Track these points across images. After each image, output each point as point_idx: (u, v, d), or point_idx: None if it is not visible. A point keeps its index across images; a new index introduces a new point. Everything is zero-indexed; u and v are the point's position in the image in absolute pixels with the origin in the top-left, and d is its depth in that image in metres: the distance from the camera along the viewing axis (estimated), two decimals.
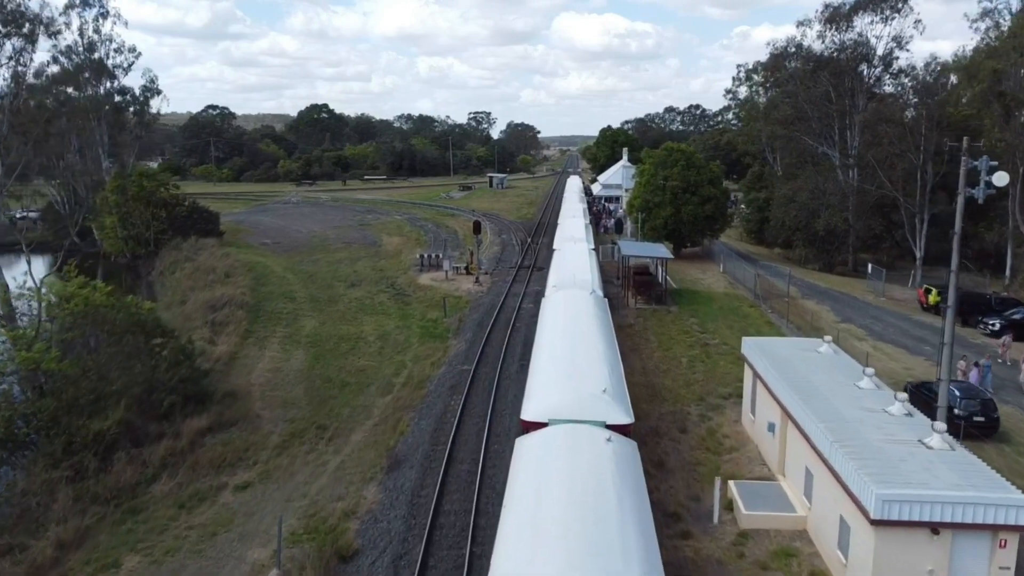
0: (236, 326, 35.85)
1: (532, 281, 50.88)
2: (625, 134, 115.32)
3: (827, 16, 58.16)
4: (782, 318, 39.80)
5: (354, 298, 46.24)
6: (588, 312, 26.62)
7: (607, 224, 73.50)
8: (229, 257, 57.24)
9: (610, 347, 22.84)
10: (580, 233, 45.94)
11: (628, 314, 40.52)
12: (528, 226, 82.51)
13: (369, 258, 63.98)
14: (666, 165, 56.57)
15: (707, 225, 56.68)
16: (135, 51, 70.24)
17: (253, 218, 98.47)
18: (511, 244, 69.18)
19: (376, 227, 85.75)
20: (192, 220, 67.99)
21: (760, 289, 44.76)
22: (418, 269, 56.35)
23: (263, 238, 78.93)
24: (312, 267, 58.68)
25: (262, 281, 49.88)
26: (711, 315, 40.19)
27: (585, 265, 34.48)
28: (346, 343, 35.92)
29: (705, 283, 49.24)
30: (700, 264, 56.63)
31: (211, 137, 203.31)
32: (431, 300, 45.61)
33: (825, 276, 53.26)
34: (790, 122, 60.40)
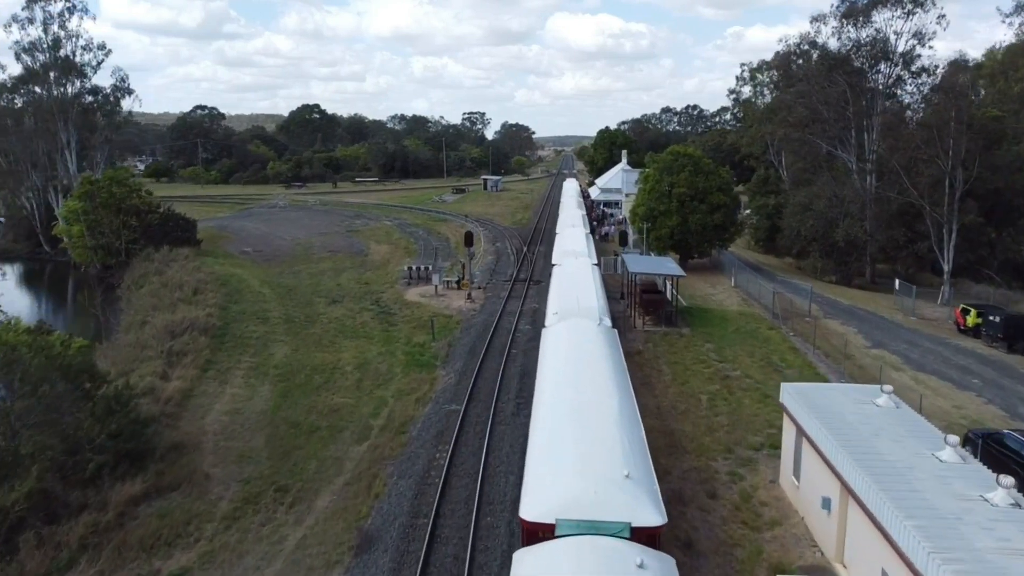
0: (196, 356, 31.70)
1: (529, 297, 46.92)
2: (624, 136, 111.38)
3: (844, 11, 54.37)
4: (806, 343, 35.91)
5: (334, 317, 42.15)
6: (597, 351, 22.66)
7: (608, 231, 69.51)
8: (202, 270, 53.04)
9: (627, 401, 18.91)
10: (581, 246, 41.98)
11: (636, 338, 36.56)
12: (524, 233, 78.54)
13: (354, 269, 59.89)
14: (672, 171, 52.65)
15: (716, 235, 52.77)
16: (104, 48, 66.08)
17: (236, 224, 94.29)
18: (506, 253, 65.19)
19: (364, 234, 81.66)
20: (166, 228, 63.74)
21: (779, 307, 40.83)
22: (406, 282, 52.31)
23: (244, 246, 74.80)
24: (292, 280, 54.57)
25: (235, 298, 45.74)
26: (727, 339, 36.25)
27: (590, 287, 30.49)
28: (320, 374, 31.85)
29: (717, 299, 45.30)
30: (709, 277, 52.70)
31: (199, 138, 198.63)
32: (419, 320, 41.57)
33: (845, 291, 49.40)
34: (804, 124, 56.51)
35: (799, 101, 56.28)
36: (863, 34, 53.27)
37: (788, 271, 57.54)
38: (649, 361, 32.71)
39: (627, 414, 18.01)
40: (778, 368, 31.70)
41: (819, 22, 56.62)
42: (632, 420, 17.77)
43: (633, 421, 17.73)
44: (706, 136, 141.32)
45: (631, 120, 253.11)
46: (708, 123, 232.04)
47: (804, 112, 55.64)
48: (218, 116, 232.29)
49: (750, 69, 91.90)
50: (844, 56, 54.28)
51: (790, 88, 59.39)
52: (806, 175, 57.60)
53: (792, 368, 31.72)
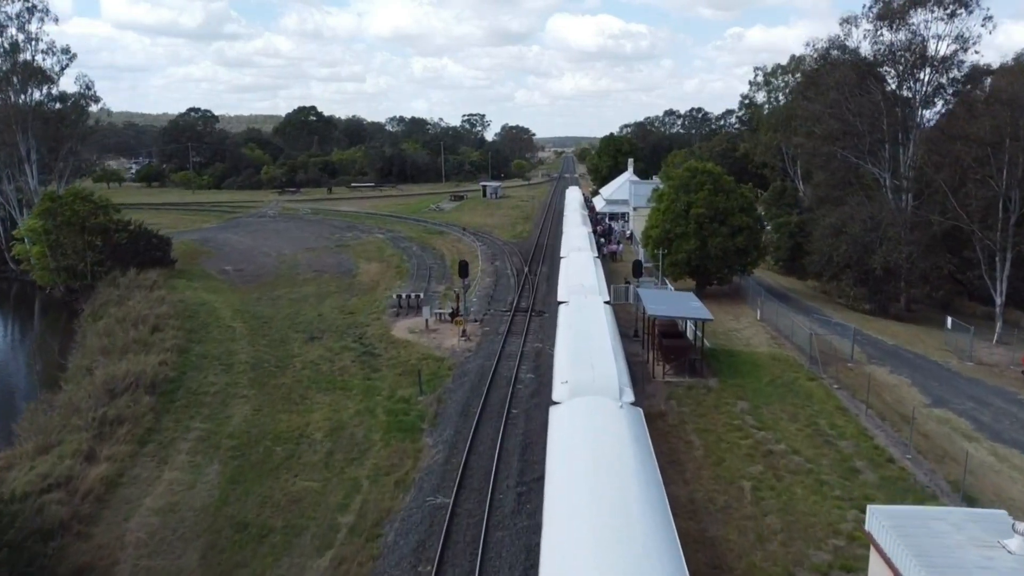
0: (134, 425, 26.57)
1: (531, 332, 41.85)
2: (629, 143, 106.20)
3: (878, 12, 49.23)
4: (854, 398, 30.83)
5: (309, 361, 37.04)
6: (622, 447, 17.73)
7: (616, 249, 64.39)
8: (168, 298, 47.92)
9: (659, 513, 14.68)
10: (590, 278, 36.89)
11: (656, 391, 31.45)
12: (524, 248, 73.44)
13: (340, 294, 54.79)
14: (689, 189, 47.55)
15: (738, 260, 47.65)
16: (68, 52, 60.99)
17: (221, 236, 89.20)
18: (505, 275, 60.08)
19: (355, 249, 76.58)
20: (137, 248, 58.68)
21: (816, 350, 35.70)
22: (395, 312, 47.22)
23: (225, 263, 69.75)
24: (269, 309, 49.47)
25: (199, 335, 40.65)
26: (763, 394, 31.13)
27: (606, 345, 25.34)
28: (284, 445, 26.75)
29: (743, 337, 40.19)
30: (730, 306, 47.58)
31: (191, 142, 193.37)
32: (405, 363, 36.49)
33: (884, 325, 44.27)
34: (835, 138, 51.36)
35: (829, 112, 51.12)
36: (899, 38, 48.20)
37: (815, 298, 52.44)
38: (674, 428, 27.58)
39: (661, 533, 13.71)
40: (829, 439, 26.59)
41: (849, 24, 51.62)
42: (668, 542, 13.42)
43: (669, 543, 13.38)
44: (713, 141, 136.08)
45: (633, 123, 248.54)
46: (712, 125, 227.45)
47: (835, 124, 50.50)
48: (212, 118, 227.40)
49: (764, 73, 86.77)
50: (878, 62, 49.24)
51: (817, 96, 54.15)
52: (835, 192, 52.48)
53: (845, 438, 26.61)
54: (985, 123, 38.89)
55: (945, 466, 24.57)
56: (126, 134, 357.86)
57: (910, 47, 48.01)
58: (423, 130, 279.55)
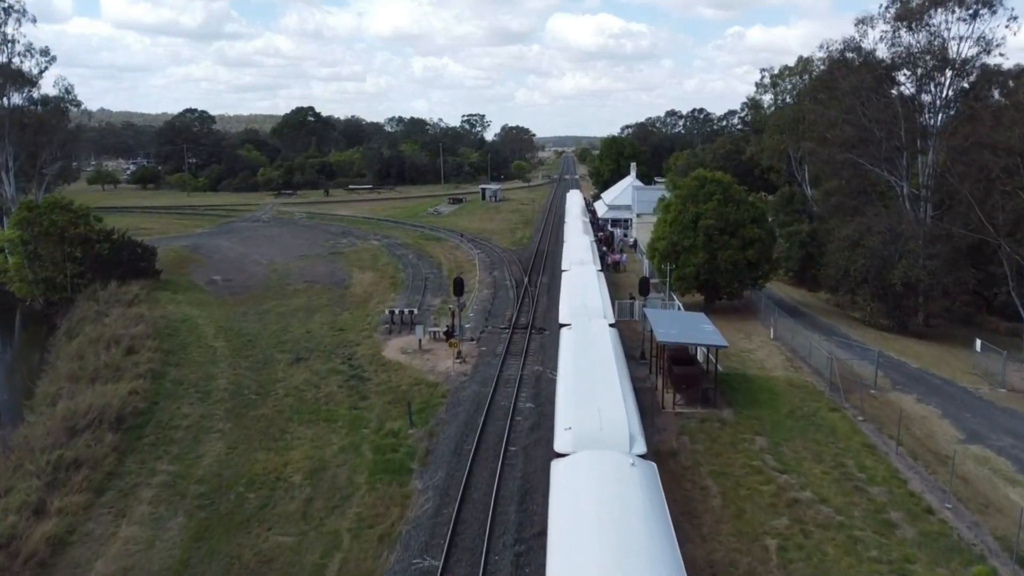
0: (93, 469, 24.12)
1: (531, 353, 39.43)
2: (632, 145, 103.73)
3: (896, 12, 46.77)
4: (880, 432, 28.41)
5: (294, 386, 34.60)
6: (635, 517, 15.36)
7: (619, 260, 61.93)
8: (148, 315, 45.54)
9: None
10: (595, 299, 34.37)
11: (666, 425, 29.01)
12: (524, 256, 70.98)
13: (330, 307, 52.35)
14: (697, 199, 45.10)
15: (749, 273, 45.20)
16: (48, 54, 58.55)
17: (212, 242, 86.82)
18: (504, 285, 57.65)
19: (348, 257, 74.16)
20: (119, 259, 56.28)
21: (837, 375, 33.26)
22: (387, 329, 44.76)
23: (213, 273, 67.38)
24: (256, 325, 47.03)
25: (177, 357, 38.23)
26: (782, 428, 28.68)
27: (614, 385, 22.86)
28: (258, 491, 24.30)
29: (756, 359, 37.73)
30: (741, 323, 45.12)
31: (187, 143, 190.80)
32: (396, 389, 34.07)
33: (906, 344, 41.80)
34: (851, 145, 48.86)
35: (845, 118, 48.64)
36: (918, 39, 45.71)
37: (829, 313, 49.97)
38: (688, 471, 25.12)
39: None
40: (858, 484, 24.14)
41: (865, 25, 49.12)
42: None
43: None
44: (716, 143, 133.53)
45: (635, 124, 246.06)
46: (714, 126, 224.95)
47: (852, 131, 48.01)
48: (208, 119, 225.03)
49: (771, 75, 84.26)
50: (895, 65, 46.81)
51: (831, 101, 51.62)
52: (850, 202, 49.97)
53: (877, 483, 24.16)
54: (1016, 131, 36.46)
55: (990, 518, 22.13)
56: (125, 134, 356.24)
57: (930, 49, 45.56)
58: (422, 131, 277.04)
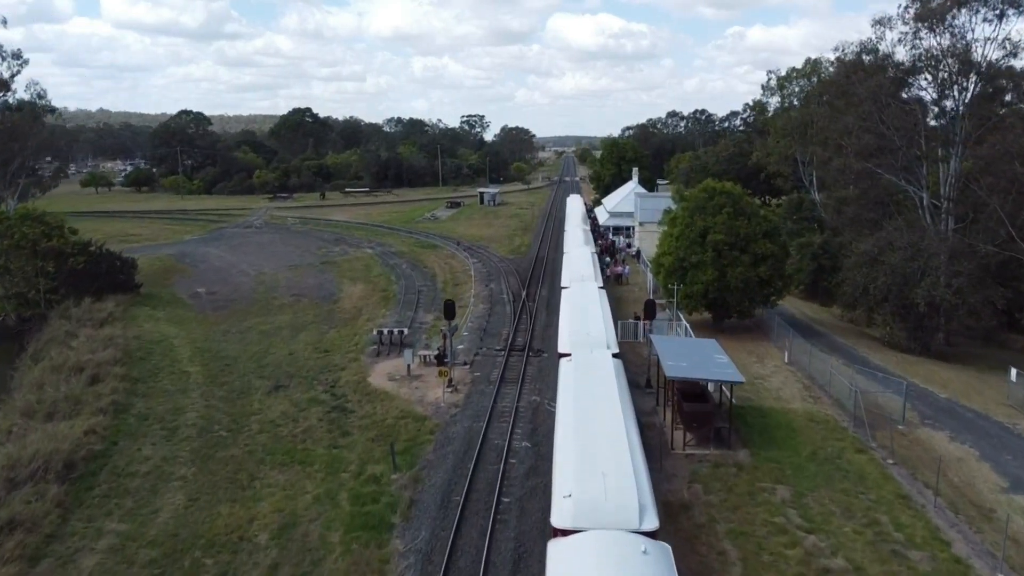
0: (30, 531, 21.32)
1: (527, 378, 36.68)
2: (633, 148, 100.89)
3: (917, 12, 43.96)
4: (914, 479, 25.61)
5: (269, 421, 31.80)
6: None
7: (622, 272, 59.11)
8: (120, 336, 42.76)
9: None
10: (598, 326, 31.64)
11: (676, 470, 26.22)
12: (522, 266, 68.16)
13: (318, 324, 49.57)
14: (706, 212, 42.29)
15: (760, 291, 42.40)
16: (20, 58, 55.77)
17: (200, 250, 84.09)
18: (501, 300, 54.84)
19: (340, 267, 71.37)
20: (96, 272, 53.48)
21: (861, 408, 30.46)
22: (375, 350, 41.99)
23: (197, 284, 64.66)
24: (236, 345, 44.27)
25: (145, 387, 35.43)
26: (805, 474, 25.88)
27: (622, 449, 19.91)
28: (217, 556, 21.49)
29: (771, 388, 34.92)
30: (752, 344, 42.33)
31: (182, 145, 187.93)
32: (381, 423, 31.29)
33: (931, 370, 38.97)
34: (869, 154, 45.99)
35: (862, 125, 45.79)
36: (941, 41, 42.88)
37: (845, 331, 47.14)
38: (703, 530, 22.30)
39: None
40: (896, 547, 21.32)
41: (882, 26, 46.28)
42: None
43: None
44: (719, 146, 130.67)
45: (636, 126, 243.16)
46: (715, 126, 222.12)
47: (871, 140, 45.15)
48: (204, 121, 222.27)
49: (778, 78, 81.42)
50: (916, 69, 44.00)
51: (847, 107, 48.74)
52: (868, 214, 47.11)
53: (917, 546, 21.36)
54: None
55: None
56: (122, 135, 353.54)
57: (953, 52, 42.77)
58: (421, 132, 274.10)
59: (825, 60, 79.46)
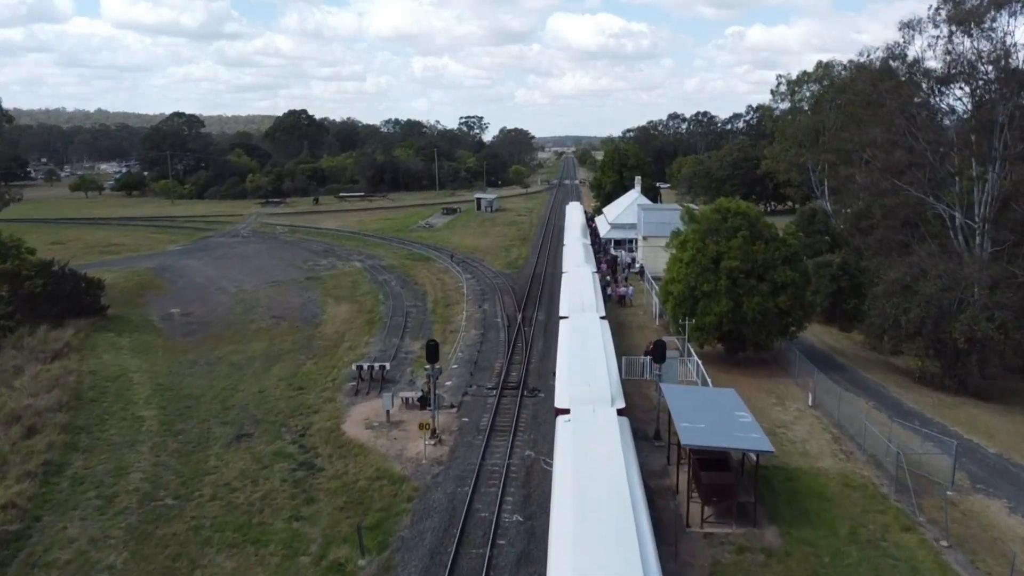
0: None
1: (521, 426, 32.69)
2: (635, 154, 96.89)
3: (950, 14, 39.98)
4: (976, 568, 21.61)
5: (224, 483, 27.79)
6: None
7: (625, 293, 55.10)
8: (73, 373, 38.78)
9: None
10: (601, 374, 27.60)
11: (693, 556, 22.21)
12: (519, 283, 64.18)
13: (294, 354, 45.58)
14: (719, 234, 38.28)
15: (779, 322, 38.38)
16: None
17: (181, 263, 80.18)
18: (494, 324, 50.78)
19: (326, 283, 67.36)
20: (58, 295, 49.47)
21: (905, 470, 26.46)
22: (353, 389, 37.98)
23: (172, 304, 60.65)
24: (202, 380, 40.28)
25: (88, 438, 31.42)
26: (845, 562, 21.90)
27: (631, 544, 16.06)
28: None
29: (796, 439, 30.92)
30: (770, 380, 38.33)
31: (174, 149, 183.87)
32: (352, 487, 27.29)
33: (972, 413, 34.94)
34: (899, 170, 41.97)
35: (892, 139, 41.75)
36: (978, 47, 38.87)
37: (871, 364, 43.13)
38: None
39: None
40: None
41: (911, 29, 42.24)
42: None
43: None
44: (723, 151, 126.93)
45: (636, 128, 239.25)
46: (718, 128, 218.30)
47: (903, 155, 41.10)
48: (197, 123, 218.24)
49: (788, 82, 77.44)
50: (949, 76, 40.00)
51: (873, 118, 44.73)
52: (897, 236, 43.03)
53: None
54: None
55: None
56: (119, 136, 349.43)
57: (991, 58, 38.81)
58: (419, 133, 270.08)
59: (837, 63, 75.84)
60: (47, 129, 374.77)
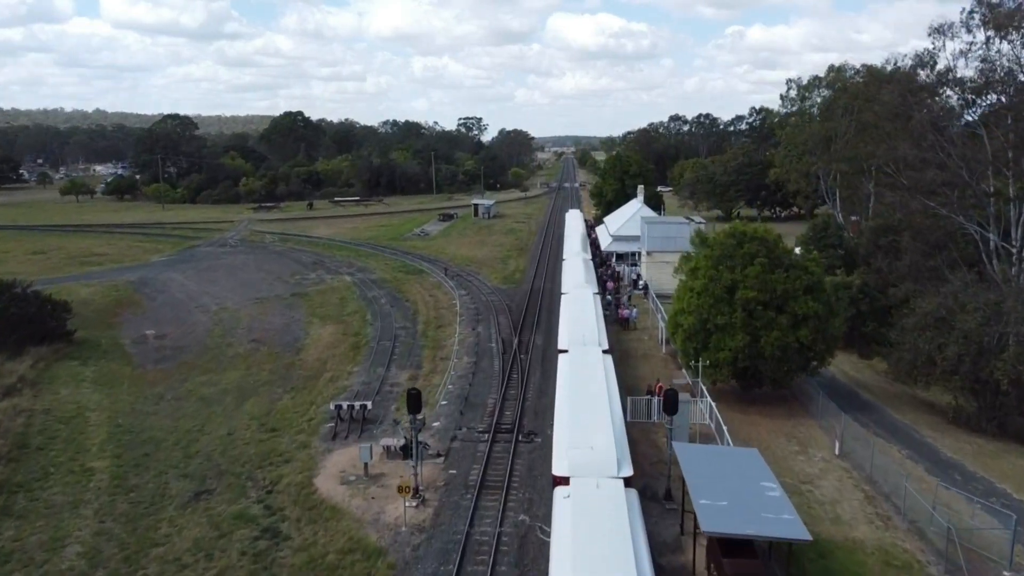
0: None
1: (515, 482, 29.16)
2: (638, 163, 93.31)
3: (984, 17, 36.47)
4: None
5: (174, 558, 24.28)
6: None
7: (626, 315, 51.53)
8: (27, 409, 35.28)
9: None
10: (605, 434, 24.18)
11: None
12: (516, 300, 60.60)
13: (270, 387, 42.07)
14: (733, 260, 34.75)
15: (800, 357, 34.83)
16: None
17: (163, 275, 76.67)
18: (488, 350, 47.20)
19: (312, 300, 63.79)
20: (18, 320, 45.99)
21: (952, 541, 22.97)
22: (330, 432, 34.45)
23: (147, 325, 57.14)
24: (166, 421, 36.73)
25: (23, 503, 27.92)
26: None
27: None
28: None
29: (824, 499, 27.39)
30: (789, 422, 34.79)
31: (166, 152, 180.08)
32: (320, 564, 23.77)
33: (1018, 464, 31.38)
34: (931, 190, 38.38)
35: (923, 158, 38.17)
36: (1020, 53, 35.32)
37: (899, 401, 39.55)
38: None
39: None
40: None
41: (942, 35, 38.67)
42: None
43: None
44: (727, 155, 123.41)
45: (637, 131, 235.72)
46: (719, 127, 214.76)
47: (935, 175, 37.51)
48: (191, 125, 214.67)
49: (798, 86, 73.90)
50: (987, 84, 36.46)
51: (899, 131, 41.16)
52: (929, 261, 39.38)
53: None
54: None
55: None
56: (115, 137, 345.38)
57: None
58: (418, 135, 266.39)
59: (848, 67, 72.38)
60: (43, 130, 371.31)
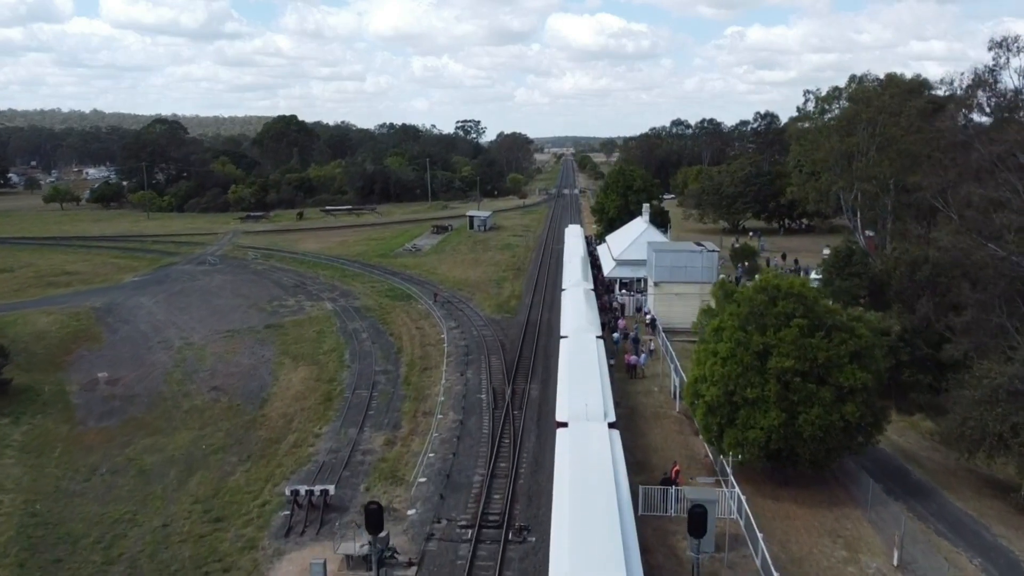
0: None
1: None
2: (642, 177, 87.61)
3: None
4: None
5: None
6: None
7: (634, 363, 45.68)
8: None
9: None
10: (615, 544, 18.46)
11: None
12: (511, 334, 54.93)
13: (224, 453, 36.44)
14: (764, 319, 29.07)
15: (846, 439, 29.10)
16: None
17: (132, 301, 71.12)
18: (477, 403, 41.54)
19: (287, 334, 58.10)
20: None
21: None
22: (283, 526, 28.79)
23: (101, 366, 51.59)
24: (92, 507, 31.10)
25: None
26: None
27: None
28: None
29: None
30: (831, 513, 29.09)
31: (151, 159, 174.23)
32: None
33: None
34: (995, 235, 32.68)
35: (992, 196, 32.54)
36: None
37: (952, 478, 33.86)
38: None
39: None
40: None
41: (1006, 51, 33.03)
42: None
43: None
44: (733, 165, 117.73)
45: (639, 136, 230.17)
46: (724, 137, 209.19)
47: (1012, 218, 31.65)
48: (180, 129, 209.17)
49: (817, 98, 68.26)
50: None
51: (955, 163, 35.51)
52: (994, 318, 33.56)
53: None
54: None
55: None
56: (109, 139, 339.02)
57: None
58: (414, 138, 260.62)
59: (869, 77, 66.87)
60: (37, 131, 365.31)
